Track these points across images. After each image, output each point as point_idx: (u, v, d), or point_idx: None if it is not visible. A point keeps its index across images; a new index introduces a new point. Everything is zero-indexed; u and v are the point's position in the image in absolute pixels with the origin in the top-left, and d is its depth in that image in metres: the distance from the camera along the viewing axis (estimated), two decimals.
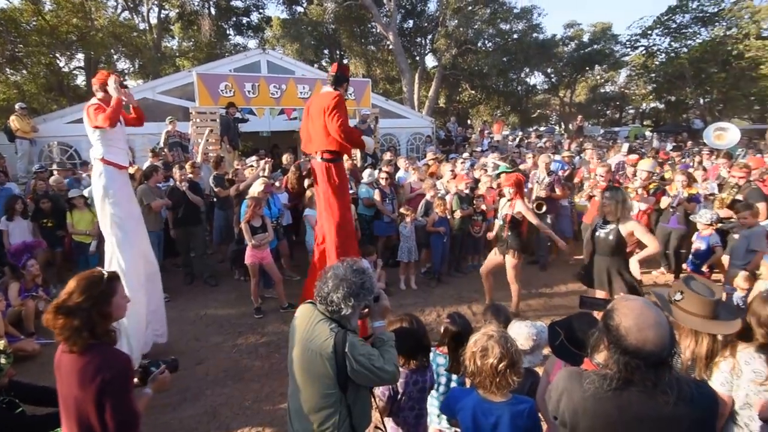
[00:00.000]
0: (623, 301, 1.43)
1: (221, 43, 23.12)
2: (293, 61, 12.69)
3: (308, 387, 1.86)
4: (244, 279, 6.11)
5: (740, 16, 22.02)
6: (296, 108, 11.14)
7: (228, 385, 3.88)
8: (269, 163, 6.72)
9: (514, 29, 21.53)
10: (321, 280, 1.89)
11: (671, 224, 5.98)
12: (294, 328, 1.95)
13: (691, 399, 1.32)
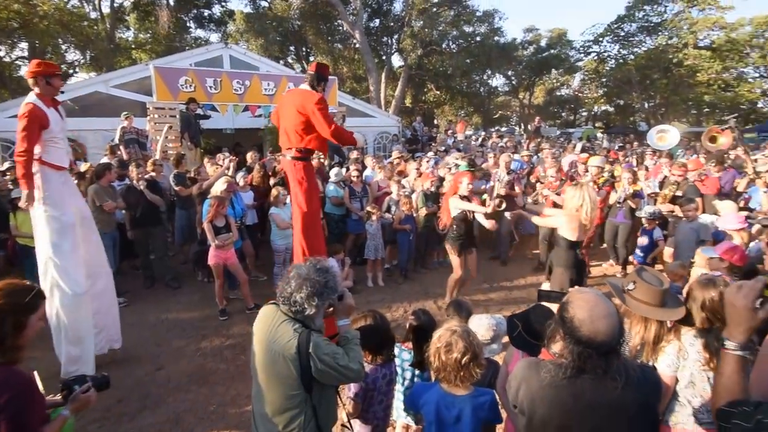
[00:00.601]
0: (578, 294, 1.50)
1: (181, 36, 22.20)
2: (258, 57, 12.42)
3: (272, 389, 1.84)
4: (207, 280, 5.96)
5: (680, 27, 23.72)
6: (261, 105, 10.94)
7: (192, 390, 3.78)
8: (234, 162, 6.58)
9: (476, 32, 22.08)
10: (283, 280, 1.87)
11: (618, 219, 6.38)
12: (256, 330, 1.92)
13: (637, 383, 1.41)
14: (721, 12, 23.49)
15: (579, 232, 3.57)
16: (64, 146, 3.70)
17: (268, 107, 10.92)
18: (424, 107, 27.31)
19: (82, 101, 9.18)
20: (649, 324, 2.13)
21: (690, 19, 23.67)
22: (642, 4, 24.46)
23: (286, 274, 1.89)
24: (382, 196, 6.76)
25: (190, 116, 8.44)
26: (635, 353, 2.19)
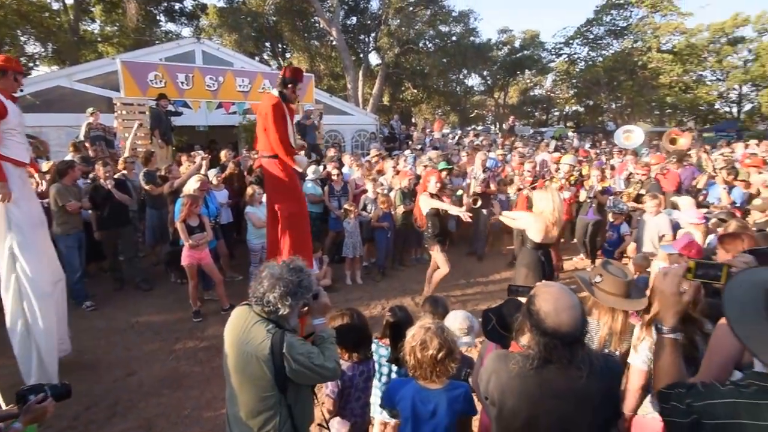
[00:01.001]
0: (543, 288, 1.55)
1: (151, 30, 21.46)
2: (231, 53, 12.16)
3: (245, 391, 1.81)
4: (180, 282, 5.80)
5: (644, 31, 24.79)
6: (235, 102, 10.72)
7: (164, 395, 3.68)
8: (206, 159, 6.42)
9: (452, 32, 22.33)
10: (256, 280, 1.84)
11: (588, 216, 6.60)
12: (228, 332, 1.89)
13: (600, 372, 1.46)
14: (682, 18, 24.67)
15: (545, 234, 3.66)
16: (23, 141, 3.53)
17: (242, 104, 10.72)
18: (401, 105, 27.42)
19: (44, 96, 8.79)
20: (616, 314, 2.22)
21: (653, 24, 24.74)
22: (609, 8, 25.39)
23: (259, 273, 1.86)
24: (359, 194, 6.75)
25: (161, 113, 8.17)
26: (603, 343, 2.27)
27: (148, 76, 9.34)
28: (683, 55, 24.89)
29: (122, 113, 8.76)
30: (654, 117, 27.24)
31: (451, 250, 7.54)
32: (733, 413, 1.12)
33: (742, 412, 1.11)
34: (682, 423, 1.22)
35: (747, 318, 1.16)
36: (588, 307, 2.37)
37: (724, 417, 1.12)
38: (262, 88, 10.90)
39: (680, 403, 1.23)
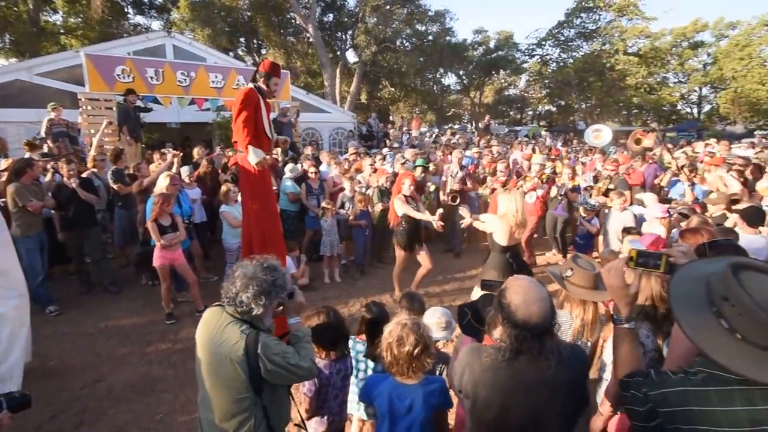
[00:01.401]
0: (513, 281, 1.59)
1: (118, 22, 20.64)
2: (204, 48, 11.84)
3: (219, 393, 1.78)
4: (152, 284, 5.62)
5: (612, 34, 25.76)
6: (208, 98, 10.46)
7: (135, 400, 3.56)
8: (178, 157, 6.23)
9: (429, 31, 22.45)
10: (228, 280, 1.81)
11: (558, 212, 6.78)
12: (199, 334, 1.85)
13: (568, 362, 1.51)
14: (647, 22, 25.73)
15: (510, 237, 3.73)
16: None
17: (216, 100, 10.48)
18: (379, 104, 27.43)
19: (1, 90, 8.34)
20: (587, 306, 2.30)
21: (620, 28, 25.70)
22: (579, 11, 26.18)
23: (231, 273, 1.83)
24: (336, 192, 6.71)
25: (129, 109, 7.88)
26: (577, 334, 2.35)
27: (114, 71, 9.00)
28: (648, 58, 25.96)
29: (87, 109, 8.41)
30: (621, 117, 28.30)
31: (428, 247, 7.63)
32: (683, 401, 1.16)
33: (691, 399, 1.15)
34: (640, 411, 1.26)
35: (693, 314, 1.20)
36: (560, 301, 2.46)
37: (675, 405, 1.17)
38: (237, 84, 10.68)
39: (638, 391, 1.27)
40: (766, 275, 1.15)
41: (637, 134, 10.29)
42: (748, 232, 3.63)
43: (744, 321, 1.09)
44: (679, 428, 1.16)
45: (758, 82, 23.17)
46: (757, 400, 1.10)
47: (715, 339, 1.14)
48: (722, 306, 1.14)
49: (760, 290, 1.09)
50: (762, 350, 1.08)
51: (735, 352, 1.10)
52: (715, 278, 1.20)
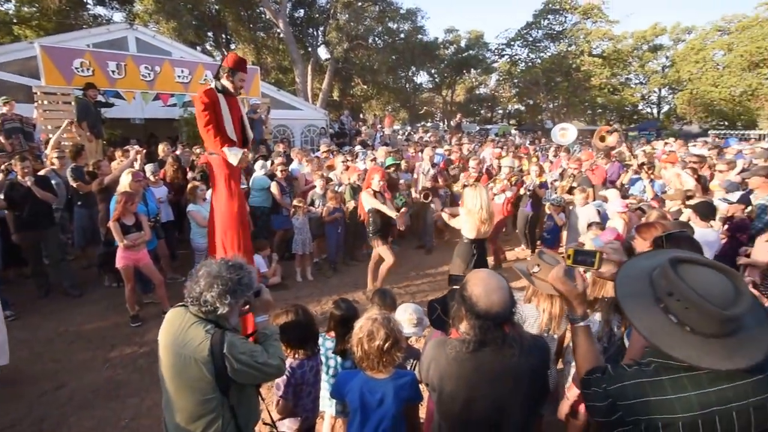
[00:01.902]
0: (473, 274, 1.63)
1: (76, 13, 19.61)
2: (169, 41, 11.44)
3: (184, 396, 1.75)
4: (116, 285, 5.41)
5: (577, 36, 26.66)
6: (174, 93, 10.14)
7: (99, 406, 3.44)
8: (141, 154, 6.02)
9: (400, 29, 22.54)
10: (192, 279, 1.77)
11: (527, 208, 6.98)
12: (162, 335, 1.81)
13: (530, 351, 1.55)
14: (610, 25, 26.79)
15: (477, 231, 3.83)
16: None
17: (182, 96, 10.16)
18: (351, 101, 27.33)
19: None
20: (553, 300, 2.39)
21: (585, 30, 26.65)
22: (546, 13, 26.95)
23: (195, 272, 1.78)
24: (307, 190, 6.67)
25: (89, 103, 7.54)
26: (545, 328, 2.43)
27: (73, 64, 8.58)
28: (611, 60, 27.04)
29: (43, 103, 7.99)
30: (587, 116, 29.32)
31: (400, 243, 7.71)
32: (641, 392, 1.20)
33: (648, 390, 1.19)
34: (601, 406, 1.29)
35: (644, 313, 1.23)
36: (528, 296, 2.54)
37: (634, 397, 1.21)
38: (204, 79, 10.41)
39: (598, 387, 1.30)
40: (702, 266, 1.21)
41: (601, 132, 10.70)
42: (701, 225, 3.81)
43: (691, 314, 1.14)
44: (639, 419, 1.20)
45: (712, 84, 24.50)
46: (705, 384, 1.16)
47: (669, 335, 1.17)
48: (668, 302, 1.18)
49: (701, 282, 1.15)
50: (711, 338, 1.14)
51: (688, 344, 1.15)
52: (657, 275, 1.24)
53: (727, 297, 1.12)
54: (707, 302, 1.11)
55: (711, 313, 1.11)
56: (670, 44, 29.62)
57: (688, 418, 1.15)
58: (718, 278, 1.17)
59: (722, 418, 1.14)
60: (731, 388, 1.15)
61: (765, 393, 1.17)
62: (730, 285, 1.16)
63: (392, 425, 1.94)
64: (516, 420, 1.58)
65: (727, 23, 26.06)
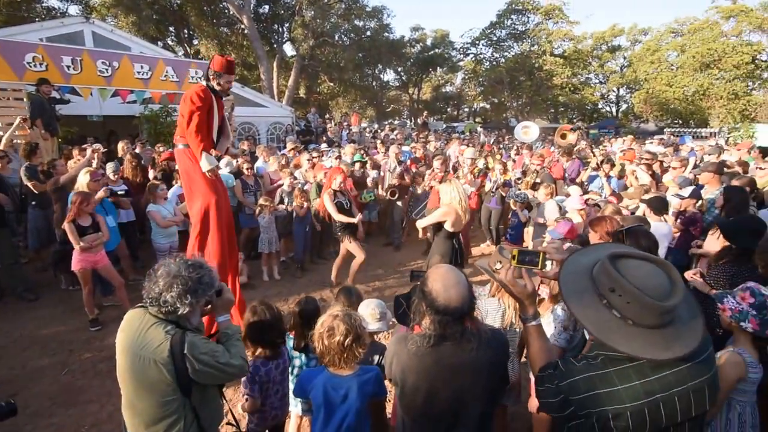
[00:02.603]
0: (433, 270, 1.66)
1: (29, 5, 18.51)
2: (128, 36, 11.05)
3: (144, 398, 1.72)
4: (74, 288, 5.23)
5: (540, 36, 27.49)
6: (133, 90, 9.80)
7: (57, 414, 3.33)
8: (99, 152, 5.82)
9: (367, 26, 22.55)
10: (150, 279, 1.73)
11: (491, 204, 7.18)
12: (120, 338, 1.77)
13: (488, 344, 1.59)
14: (570, 26, 27.75)
15: (457, 223, 3.95)
16: None
17: (142, 92, 9.85)
18: (318, 98, 27.11)
19: None
20: None
21: (547, 30, 27.54)
22: (510, 13, 27.63)
23: (153, 272, 1.75)
24: (274, 189, 6.62)
25: (43, 100, 7.19)
26: (508, 322, 2.53)
27: (25, 58, 8.19)
28: (572, 60, 28.04)
29: None
30: (549, 114, 30.29)
31: (368, 240, 7.78)
32: (590, 386, 1.24)
33: (597, 383, 1.24)
34: (554, 402, 1.32)
35: (589, 310, 1.27)
36: (493, 291, 2.63)
37: (585, 391, 1.24)
38: (165, 75, 10.13)
39: (551, 384, 1.33)
40: (639, 260, 1.26)
41: (563, 129, 11.13)
42: (654, 219, 4.03)
43: (632, 308, 1.19)
44: (590, 412, 1.23)
45: (666, 84, 25.61)
46: (649, 372, 1.22)
47: (614, 330, 1.22)
48: (611, 297, 1.23)
49: (639, 276, 1.20)
50: (651, 329, 1.20)
51: (632, 337, 1.20)
52: (598, 271, 1.29)
53: (663, 289, 1.18)
54: (646, 296, 1.16)
55: (650, 305, 1.16)
56: (628, 45, 30.88)
57: (635, 406, 1.19)
58: (654, 271, 1.23)
59: (666, 403, 1.20)
60: (672, 374, 1.22)
61: (702, 376, 1.24)
62: (665, 277, 1.22)
63: (356, 421, 1.94)
64: (476, 411, 1.62)
65: (680, 25, 27.29)
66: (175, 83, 10.36)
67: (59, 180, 5.16)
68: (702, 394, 1.24)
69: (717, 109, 23.81)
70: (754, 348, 2.05)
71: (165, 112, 9.65)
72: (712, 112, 24.26)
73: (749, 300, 2.05)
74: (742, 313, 2.04)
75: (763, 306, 2.01)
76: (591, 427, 1.24)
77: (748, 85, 24.11)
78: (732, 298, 2.10)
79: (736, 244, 2.96)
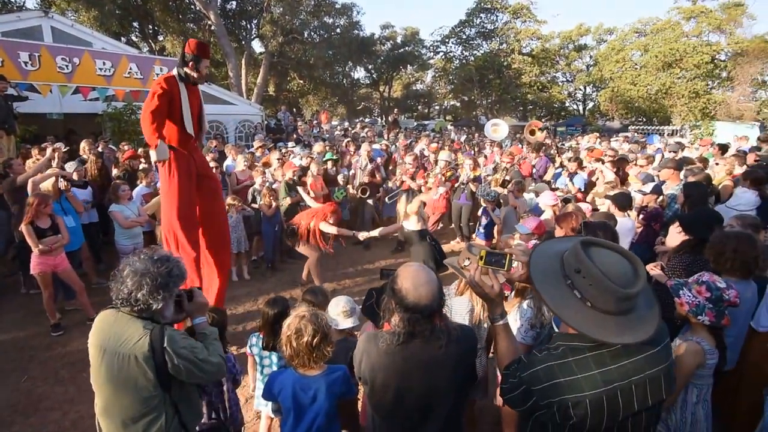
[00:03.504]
0: (403, 268, 1.66)
1: None
2: (89, 31, 10.59)
3: (123, 397, 1.71)
4: (33, 292, 5.05)
5: (508, 35, 27.98)
6: (96, 87, 9.47)
7: (17, 422, 3.24)
8: (59, 151, 5.61)
9: (336, 24, 22.43)
10: (116, 280, 1.71)
11: (461, 201, 7.29)
12: (94, 339, 1.74)
13: (457, 340, 1.60)
14: (538, 25, 28.38)
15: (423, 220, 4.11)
16: None
17: (105, 90, 9.55)
18: (288, 96, 26.80)
19: None
20: None
21: (515, 29, 28.11)
22: (479, 12, 28.03)
23: (119, 272, 1.72)
24: (242, 188, 6.57)
25: None
26: (477, 318, 2.60)
27: None
28: (540, 58, 28.72)
29: None
30: (519, 112, 30.94)
31: (338, 238, 7.78)
32: (551, 375, 1.26)
33: (557, 373, 1.26)
34: (516, 395, 1.34)
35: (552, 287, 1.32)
36: (461, 289, 2.69)
37: (545, 381, 1.27)
38: (128, 72, 9.84)
39: (514, 377, 1.35)
40: (609, 250, 1.31)
41: (531, 126, 11.42)
42: (619, 215, 4.17)
43: (593, 290, 1.23)
44: (551, 402, 1.25)
45: (630, 83, 26.37)
46: (608, 361, 1.25)
47: (571, 308, 1.27)
48: (575, 278, 1.28)
49: (606, 262, 1.24)
50: (607, 315, 1.24)
51: (587, 318, 1.25)
52: (568, 254, 1.33)
53: (626, 278, 1.23)
54: (608, 280, 1.20)
55: (610, 290, 1.20)
56: (594, 44, 31.62)
57: (594, 395, 1.22)
58: (621, 261, 1.28)
59: (623, 391, 1.24)
60: (630, 363, 1.26)
61: (658, 365, 1.29)
62: (630, 268, 1.27)
63: (326, 421, 1.96)
64: (446, 405, 1.65)
65: (643, 25, 28.13)
66: (139, 80, 10.07)
67: (16, 180, 4.96)
68: (658, 383, 1.29)
69: (679, 107, 24.59)
70: (711, 335, 2.11)
71: (129, 110, 9.37)
72: (675, 110, 25.02)
73: (705, 294, 2.09)
74: (699, 307, 2.09)
75: (719, 299, 2.07)
76: (552, 417, 1.27)
77: (707, 84, 25.04)
78: (688, 292, 2.14)
79: (692, 235, 3.05)
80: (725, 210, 4.41)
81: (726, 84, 25.56)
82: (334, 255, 7.07)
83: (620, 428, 1.29)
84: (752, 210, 4.40)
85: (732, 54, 24.57)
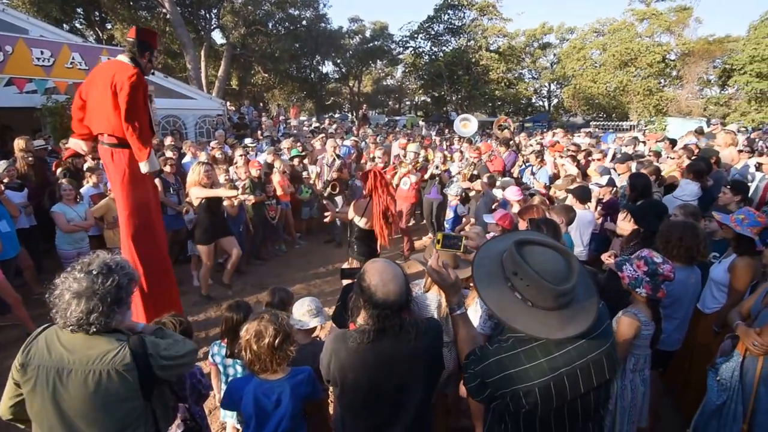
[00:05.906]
0: (369, 264, 1.64)
1: None
2: (24, 17, 9.71)
3: (100, 415, 1.53)
4: None
5: (475, 32, 28.30)
6: (33, 78, 8.65)
7: None
8: None
9: (302, 16, 21.86)
10: (57, 306, 1.49)
11: (432, 195, 7.20)
12: (41, 362, 1.51)
13: (425, 333, 1.64)
14: (503, 23, 28.83)
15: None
16: None
17: (43, 81, 8.75)
18: (253, 90, 25.96)
19: None
20: None
21: (482, 26, 28.45)
22: (446, 8, 28.14)
23: (58, 297, 1.49)
24: None
25: None
26: (445, 312, 2.48)
27: None
28: (506, 56, 29.20)
29: None
30: (488, 108, 31.40)
31: (309, 238, 7.54)
32: (502, 367, 1.32)
33: (507, 364, 1.32)
34: (474, 386, 1.41)
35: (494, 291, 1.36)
36: (428, 285, 2.63)
37: (497, 373, 1.33)
38: (71, 63, 9.06)
39: (471, 369, 1.41)
40: (542, 246, 1.36)
41: (499, 121, 11.55)
42: (579, 207, 4.27)
43: (531, 290, 1.29)
44: (504, 393, 1.32)
45: (591, 80, 27.58)
46: (553, 349, 1.31)
47: (515, 311, 1.31)
48: (514, 281, 1.32)
49: (539, 261, 1.29)
50: (548, 311, 1.29)
51: (531, 318, 1.30)
52: (506, 256, 1.37)
53: (561, 274, 1.28)
54: (543, 280, 1.25)
55: (547, 288, 1.25)
56: (557, 43, 32.76)
57: (542, 382, 1.28)
58: (554, 257, 1.32)
59: (569, 376, 1.30)
60: (574, 348, 1.32)
61: (600, 348, 1.36)
62: (564, 263, 1.31)
63: (291, 426, 1.88)
64: (416, 398, 1.65)
65: (601, 25, 29.42)
66: (83, 71, 9.22)
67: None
68: (600, 365, 1.35)
69: (635, 104, 25.94)
70: (648, 307, 2.31)
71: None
72: (631, 106, 26.40)
73: (643, 268, 2.28)
74: (638, 280, 2.29)
75: (655, 273, 2.25)
76: (506, 406, 1.34)
77: (660, 82, 26.55)
78: (630, 266, 2.34)
79: (644, 228, 3.27)
80: (671, 200, 4.71)
81: (676, 82, 27.16)
82: (304, 254, 6.83)
83: (570, 409, 1.34)
84: (694, 200, 4.72)
85: (680, 54, 26.07)
